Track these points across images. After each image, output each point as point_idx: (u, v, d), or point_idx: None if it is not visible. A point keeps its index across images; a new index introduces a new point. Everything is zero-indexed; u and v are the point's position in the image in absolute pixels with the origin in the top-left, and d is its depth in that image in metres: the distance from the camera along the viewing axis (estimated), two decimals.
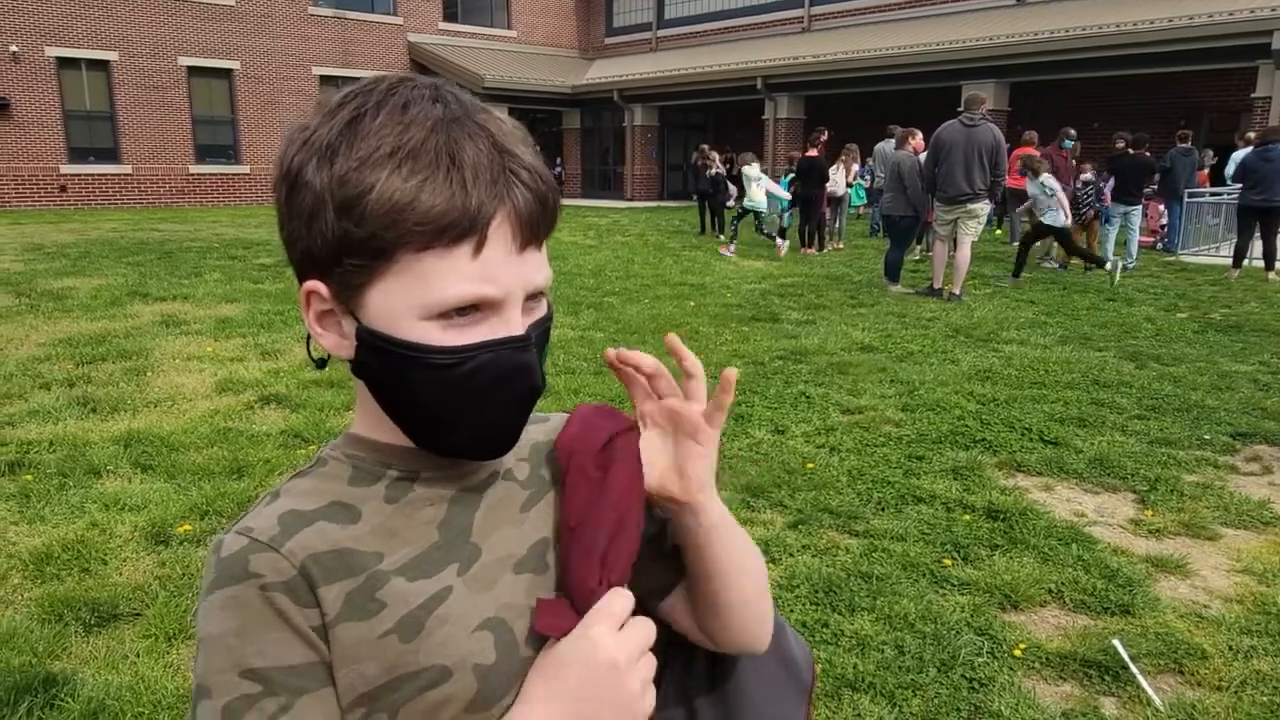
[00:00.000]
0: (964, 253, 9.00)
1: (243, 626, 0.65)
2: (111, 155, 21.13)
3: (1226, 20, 14.06)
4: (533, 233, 0.68)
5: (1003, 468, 4.27)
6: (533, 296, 0.70)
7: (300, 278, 0.71)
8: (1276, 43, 13.55)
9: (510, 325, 0.68)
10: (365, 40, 24.49)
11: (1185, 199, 12.98)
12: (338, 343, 0.71)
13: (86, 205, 20.72)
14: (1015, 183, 11.39)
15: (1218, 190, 13.84)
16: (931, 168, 9.07)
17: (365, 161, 0.64)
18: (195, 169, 22.21)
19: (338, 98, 0.69)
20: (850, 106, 21.68)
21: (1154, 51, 15.05)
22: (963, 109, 9.05)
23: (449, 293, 0.65)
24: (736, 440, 4.57)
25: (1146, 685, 2.49)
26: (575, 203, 25.99)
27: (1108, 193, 12.06)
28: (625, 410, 0.83)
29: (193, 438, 4.46)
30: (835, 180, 14.00)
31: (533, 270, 0.69)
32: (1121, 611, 2.91)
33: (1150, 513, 3.75)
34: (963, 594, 3.02)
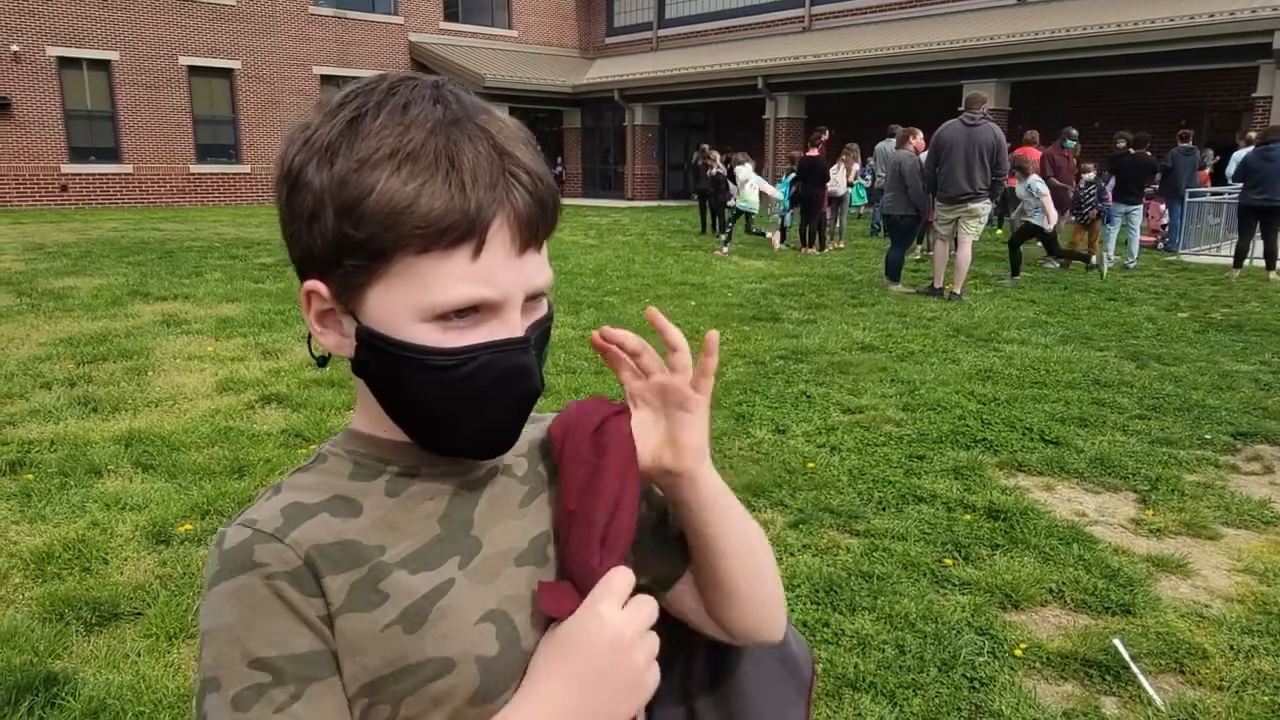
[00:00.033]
0: (965, 252, 9.00)
1: (249, 616, 0.64)
2: (112, 155, 21.15)
3: (1227, 20, 14.06)
4: (532, 235, 0.68)
5: (1003, 467, 4.27)
6: (533, 297, 0.70)
7: (301, 277, 0.71)
8: (1277, 42, 13.55)
9: (510, 327, 0.68)
10: (366, 40, 24.51)
11: (1186, 199, 12.98)
12: (338, 342, 0.71)
13: (87, 205, 20.73)
14: (1017, 182, 11.39)
15: (1219, 190, 13.84)
16: (932, 167, 9.07)
17: (365, 163, 0.64)
18: (196, 168, 22.23)
19: (339, 97, 0.69)
20: (851, 106, 21.68)
21: (1155, 51, 15.05)
22: (964, 108, 9.05)
23: (448, 295, 0.65)
24: (737, 440, 4.57)
25: (1147, 685, 2.49)
26: (576, 202, 26.00)
27: (1109, 192, 12.06)
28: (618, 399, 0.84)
29: (193, 437, 4.47)
30: (836, 180, 14.01)
31: (532, 272, 0.69)
32: (1122, 611, 2.91)
33: (1151, 512, 3.75)
34: (963, 594, 3.02)
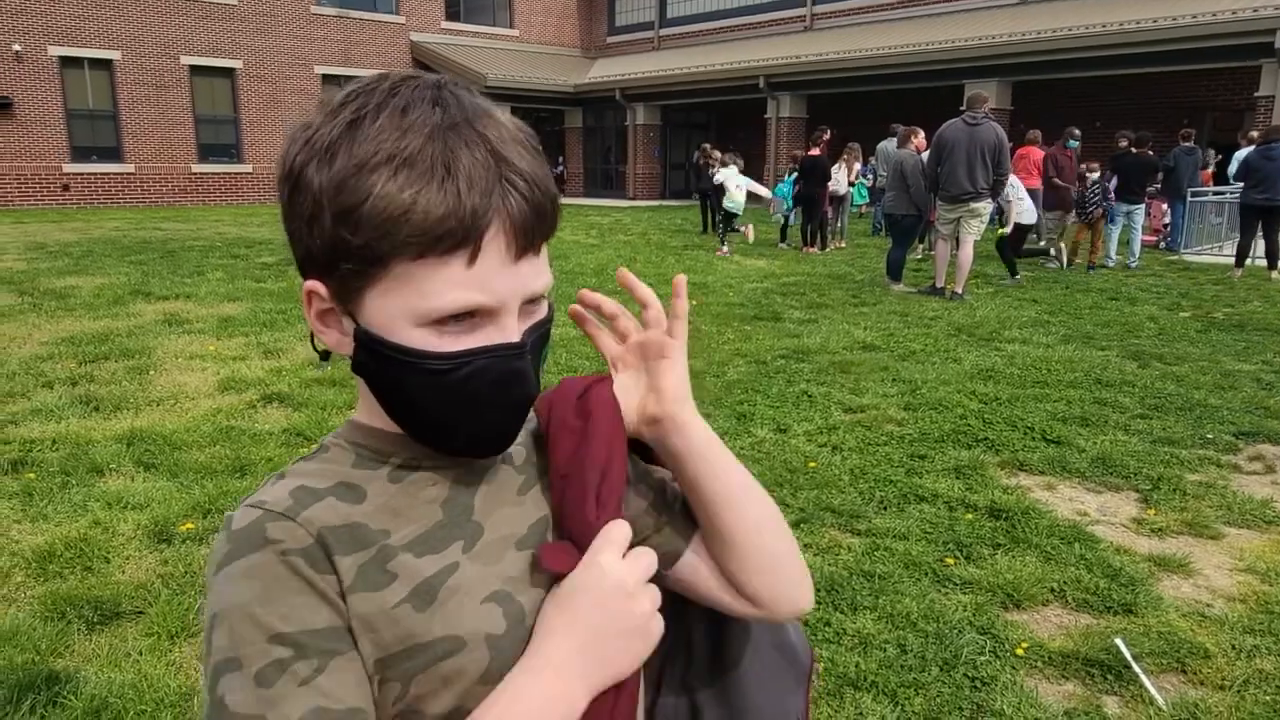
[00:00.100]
0: (966, 252, 9.00)
1: (265, 593, 0.64)
2: (114, 154, 21.16)
3: (1229, 19, 14.04)
4: (528, 241, 0.68)
5: (1005, 467, 4.26)
6: (531, 301, 0.71)
7: (303, 275, 0.71)
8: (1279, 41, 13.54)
9: (506, 332, 0.69)
10: (368, 39, 24.51)
11: (1188, 198, 12.97)
12: (339, 340, 0.72)
13: (89, 204, 20.75)
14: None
15: (1220, 189, 13.83)
16: (934, 166, 9.07)
17: (362, 167, 0.64)
18: (198, 168, 22.24)
19: (340, 96, 0.69)
20: (852, 105, 21.67)
21: (1156, 50, 15.04)
22: (965, 108, 9.04)
23: (443, 301, 0.66)
24: (739, 439, 4.57)
25: (1149, 684, 2.49)
26: (577, 201, 26.01)
27: (1112, 192, 12.05)
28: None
29: (195, 436, 4.47)
30: (837, 179, 14.02)
31: (529, 277, 0.69)
32: (1124, 610, 2.91)
33: (1153, 512, 3.75)
34: (965, 593, 3.02)
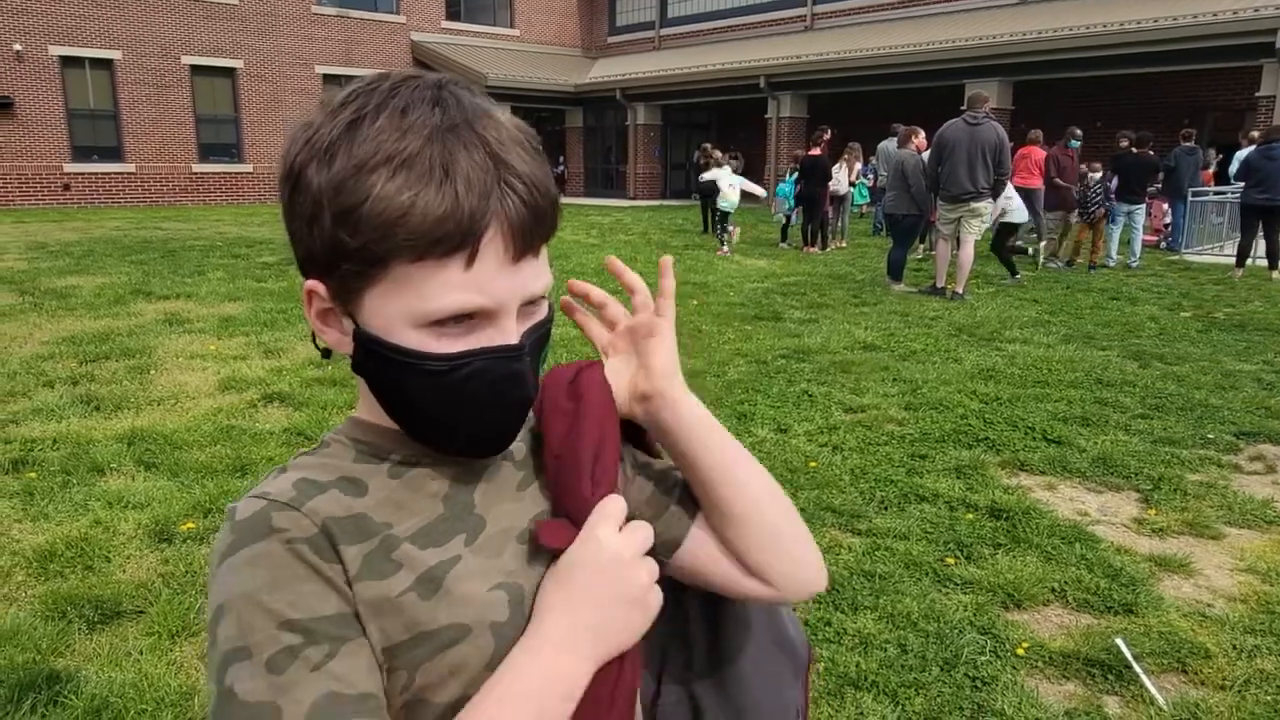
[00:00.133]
0: (967, 252, 8.99)
1: (273, 581, 0.64)
2: (115, 154, 21.16)
3: (1231, 19, 14.03)
4: (527, 243, 0.68)
5: (1006, 467, 4.26)
6: (530, 302, 0.71)
7: (304, 275, 0.72)
8: None
9: (504, 334, 0.69)
10: (368, 39, 24.51)
11: (1189, 198, 12.96)
12: (339, 339, 0.73)
13: (90, 204, 20.75)
14: (1021, 181, 11.38)
15: (1221, 189, 13.83)
16: (935, 166, 9.06)
17: (361, 168, 0.64)
18: (198, 168, 22.24)
19: (341, 96, 0.69)
20: (853, 105, 21.66)
21: (1157, 50, 15.03)
22: (966, 107, 9.04)
23: (441, 303, 0.66)
24: (740, 439, 4.56)
25: (1150, 684, 2.49)
26: (578, 201, 26.01)
27: (1114, 191, 12.04)
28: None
29: (196, 436, 4.47)
30: (838, 179, 14.01)
31: (528, 279, 0.69)
32: (1125, 610, 2.90)
33: (1154, 512, 3.74)
34: (966, 593, 3.02)
